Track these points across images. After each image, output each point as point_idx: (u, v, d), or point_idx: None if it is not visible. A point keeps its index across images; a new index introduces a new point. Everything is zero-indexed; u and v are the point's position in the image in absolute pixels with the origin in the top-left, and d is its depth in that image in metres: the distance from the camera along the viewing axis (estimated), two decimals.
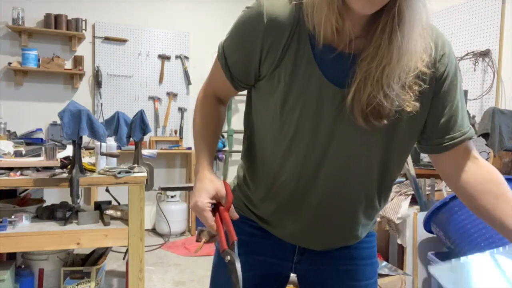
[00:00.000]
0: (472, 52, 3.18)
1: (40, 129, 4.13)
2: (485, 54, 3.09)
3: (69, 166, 2.09)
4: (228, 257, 0.75)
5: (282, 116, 0.80)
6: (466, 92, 3.05)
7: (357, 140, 0.79)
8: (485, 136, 2.60)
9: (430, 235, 2.32)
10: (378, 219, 2.77)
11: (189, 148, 4.48)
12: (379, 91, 0.72)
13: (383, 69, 0.71)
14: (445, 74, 0.79)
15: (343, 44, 0.75)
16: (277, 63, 0.77)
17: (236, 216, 0.82)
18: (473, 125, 3.02)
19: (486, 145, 2.63)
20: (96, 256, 2.51)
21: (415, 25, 0.71)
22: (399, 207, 2.48)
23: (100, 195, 4.01)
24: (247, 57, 0.80)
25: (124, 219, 2.22)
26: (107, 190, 2.58)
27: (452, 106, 0.81)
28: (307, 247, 0.93)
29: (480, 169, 0.82)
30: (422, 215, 2.27)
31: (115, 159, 2.41)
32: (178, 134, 4.66)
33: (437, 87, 0.80)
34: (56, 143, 2.79)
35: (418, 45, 0.72)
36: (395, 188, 2.68)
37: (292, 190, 0.85)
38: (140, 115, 2.64)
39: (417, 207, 2.49)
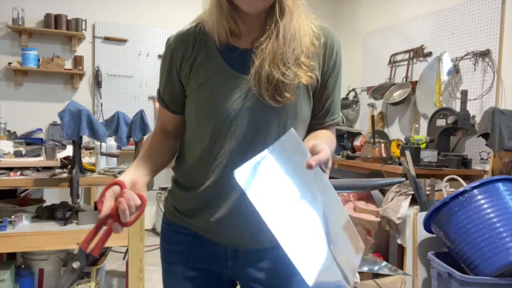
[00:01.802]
0: (472, 52, 3.18)
1: (40, 129, 4.14)
2: (485, 54, 3.10)
3: (69, 166, 2.09)
4: (78, 263, 0.78)
5: (199, 111, 0.91)
6: (466, 92, 3.05)
7: (268, 114, 0.88)
8: (485, 136, 2.59)
9: (430, 235, 2.32)
10: (378, 219, 2.77)
11: None
12: (276, 71, 0.85)
13: (275, 52, 0.85)
14: (336, 63, 0.94)
15: (244, 43, 0.90)
16: (190, 70, 0.92)
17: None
18: (473, 125, 3.03)
19: (486, 145, 2.63)
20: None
21: (295, 15, 0.87)
22: (399, 207, 2.48)
23: None
24: (170, 82, 0.97)
25: None
26: None
27: (334, 95, 0.96)
28: (236, 243, 0.94)
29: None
30: (422, 215, 2.26)
31: (115, 159, 2.41)
32: None
33: (326, 72, 0.93)
34: (56, 143, 2.80)
35: (302, 30, 0.87)
36: (395, 188, 2.68)
37: (219, 176, 0.91)
38: (140, 115, 2.64)
39: (417, 207, 2.48)
